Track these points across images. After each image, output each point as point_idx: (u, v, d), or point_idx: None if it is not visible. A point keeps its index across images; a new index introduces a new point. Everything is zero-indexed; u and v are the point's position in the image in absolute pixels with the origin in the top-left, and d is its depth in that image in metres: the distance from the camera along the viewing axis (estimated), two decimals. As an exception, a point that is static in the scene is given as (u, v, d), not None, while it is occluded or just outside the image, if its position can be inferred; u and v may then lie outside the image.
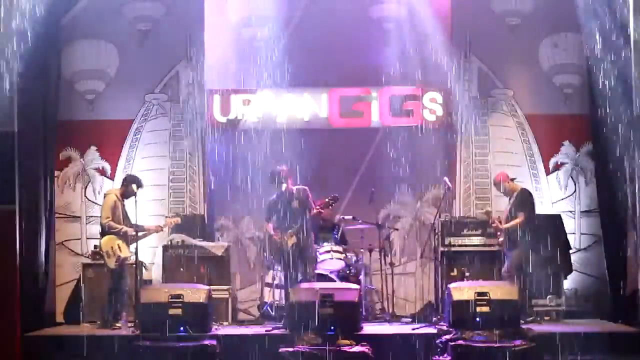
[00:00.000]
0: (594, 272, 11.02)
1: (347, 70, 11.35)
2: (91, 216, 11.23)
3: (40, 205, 10.28)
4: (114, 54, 11.38)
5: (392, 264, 10.77)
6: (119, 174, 11.25)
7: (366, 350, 8.68)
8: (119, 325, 9.69)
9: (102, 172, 11.36)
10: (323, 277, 10.13)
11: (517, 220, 9.84)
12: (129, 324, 9.62)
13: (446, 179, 10.59)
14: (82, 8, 11.18)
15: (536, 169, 11.36)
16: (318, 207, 9.86)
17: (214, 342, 8.86)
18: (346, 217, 10.88)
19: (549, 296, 10.36)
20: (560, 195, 11.32)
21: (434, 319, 9.85)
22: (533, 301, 10.18)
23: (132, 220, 9.81)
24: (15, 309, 9.36)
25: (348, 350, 8.67)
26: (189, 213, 11.23)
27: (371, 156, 11.47)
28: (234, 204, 11.44)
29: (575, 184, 11.31)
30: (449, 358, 8.71)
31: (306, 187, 9.97)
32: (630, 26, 9.67)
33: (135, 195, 9.72)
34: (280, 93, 11.45)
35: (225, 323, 10.13)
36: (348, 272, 10.46)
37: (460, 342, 8.75)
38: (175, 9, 11.39)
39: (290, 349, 8.67)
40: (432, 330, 9.31)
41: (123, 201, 9.89)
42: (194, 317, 9.09)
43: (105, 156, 11.38)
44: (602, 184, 10.72)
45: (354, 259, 10.65)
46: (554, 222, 10.69)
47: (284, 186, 9.79)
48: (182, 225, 10.66)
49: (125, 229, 9.74)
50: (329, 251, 10.45)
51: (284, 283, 10.09)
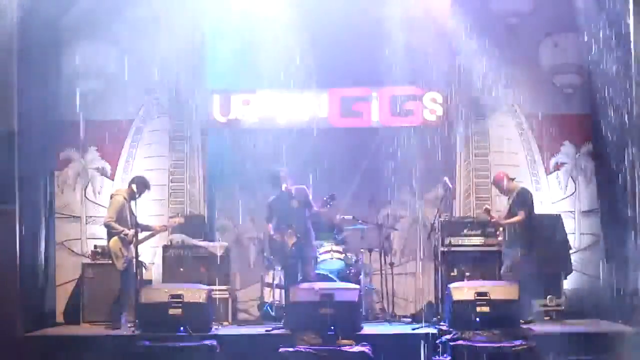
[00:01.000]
0: (594, 272, 11.01)
1: (347, 70, 11.35)
2: (91, 216, 11.24)
3: (40, 205, 10.29)
4: (114, 54, 11.38)
5: (392, 264, 10.78)
6: (119, 174, 11.26)
7: (366, 350, 8.68)
8: (119, 325, 9.69)
9: (102, 172, 11.36)
10: (323, 277, 10.13)
11: (517, 218, 9.84)
12: (129, 324, 9.62)
13: (446, 179, 10.59)
14: (82, 8, 11.16)
15: (536, 169, 11.36)
16: (316, 207, 9.87)
17: (214, 342, 8.85)
18: (346, 217, 10.89)
19: (549, 296, 10.37)
20: (560, 195, 11.32)
21: (434, 319, 9.85)
22: (533, 301, 10.18)
23: (139, 222, 9.81)
24: (15, 309, 9.37)
25: (348, 350, 8.66)
26: (189, 213, 11.23)
27: (371, 156, 11.46)
28: (234, 204, 11.45)
29: (575, 184, 11.30)
30: (449, 358, 8.71)
31: (305, 187, 9.98)
32: (630, 26, 9.67)
33: (139, 196, 9.75)
34: (280, 93, 11.46)
35: (225, 323, 10.14)
36: (348, 272, 10.47)
37: (460, 342, 8.75)
38: (176, 9, 11.38)
39: (290, 349, 8.67)
40: (432, 330, 9.31)
41: (130, 202, 9.89)
42: (194, 317, 9.09)
43: (105, 156, 11.38)
44: (602, 183, 10.73)
45: (354, 259, 10.66)
46: (554, 222, 10.69)
47: (283, 186, 9.79)
48: (182, 225, 10.67)
49: (126, 231, 9.73)
50: (329, 251, 10.46)
51: (284, 283, 10.10)
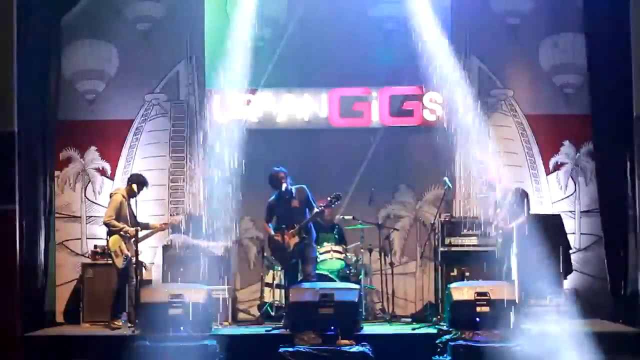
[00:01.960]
0: (594, 272, 11.02)
1: (347, 70, 11.35)
2: (91, 216, 11.24)
3: (40, 205, 10.28)
4: (114, 54, 11.38)
5: (392, 264, 10.78)
6: (119, 174, 11.26)
7: (366, 350, 8.68)
8: (119, 324, 9.70)
9: (102, 172, 11.36)
10: (323, 277, 10.13)
11: (520, 219, 9.82)
12: (129, 324, 9.62)
13: (446, 179, 10.59)
14: (82, 8, 11.18)
15: (536, 169, 11.36)
16: (321, 206, 9.86)
17: (214, 342, 8.85)
18: (346, 217, 10.89)
19: (549, 296, 10.36)
20: (560, 195, 11.32)
21: (434, 319, 9.85)
22: (533, 301, 10.19)
23: (139, 220, 9.82)
24: (15, 309, 9.37)
25: (348, 350, 8.67)
26: (189, 213, 11.23)
27: (371, 156, 11.46)
28: (234, 204, 11.44)
29: (575, 184, 11.30)
30: (449, 358, 8.71)
31: (305, 187, 9.97)
32: (630, 25, 9.68)
33: (138, 194, 9.76)
34: (280, 93, 11.46)
35: (225, 323, 10.13)
36: (348, 272, 10.47)
37: (460, 342, 8.75)
38: (175, 9, 11.40)
39: (290, 349, 8.67)
40: (432, 330, 9.31)
41: (129, 200, 9.89)
42: (194, 317, 9.08)
43: (105, 156, 11.38)
44: (602, 183, 10.73)
45: (354, 259, 10.66)
46: (554, 222, 10.68)
47: (283, 186, 9.78)
48: (182, 225, 10.67)
49: (127, 228, 9.74)
50: (329, 251, 10.45)
51: (284, 283, 10.10)
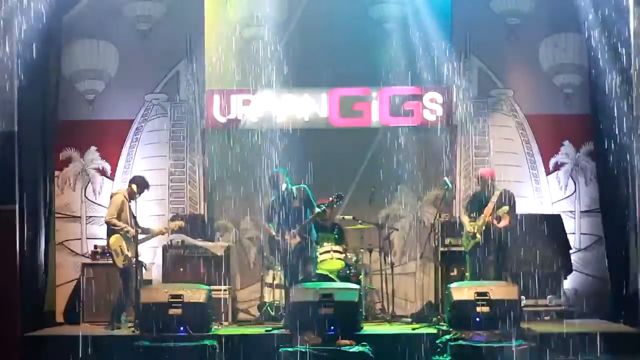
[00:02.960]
0: (594, 272, 11.03)
1: (347, 70, 11.35)
2: (91, 216, 11.24)
3: (40, 205, 10.28)
4: (114, 54, 11.38)
5: (392, 264, 10.77)
6: (119, 174, 11.26)
7: (366, 350, 8.68)
8: (119, 325, 9.69)
9: (102, 172, 11.36)
10: (323, 277, 10.13)
11: (507, 220, 9.80)
12: (129, 324, 9.62)
13: (446, 179, 10.59)
14: (82, 8, 11.19)
15: (536, 169, 11.36)
16: (322, 206, 9.85)
17: (214, 342, 8.86)
18: (346, 217, 10.89)
19: (549, 296, 10.37)
20: (560, 195, 11.32)
21: (434, 319, 9.84)
22: (533, 301, 10.20)
23: (139, 223, 9.81)
24: (15, 309, 9.36)
25: (348, 350, 8.66)
26: (189, 213, 11.24)
27: (371, 156, 11.46)
28: (234, 204, 11.44)
29: (575, 184, 11.30)
30: (449, 358, 8.71)
31: (305, 186, 9.97)
32: (631, 25, 9.68)
33: (138, 196, 9.75)
34: (280, 93, 11.45)
35: (225, 323, 10.13)
36: (348, 272, 10.47)
37: (460, 342, 8.75)
38: (175, 9, 11.40)
39: (290, 349, 8.68)
40: (432, 330, 9.31)
41: (129, 202, 9.89)
42: (194, 317, 9.09)
43: (105, 156, 11.38)
44: (603, 183, 10.73)
45: (354, 259, 10.66)
46: (554, 222, 10.69)
47: (284, 186, 9.78)
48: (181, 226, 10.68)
49: (128, 228, 9.74)
50: (329, 251, 10.44)
51: (284, 283, 10.10)
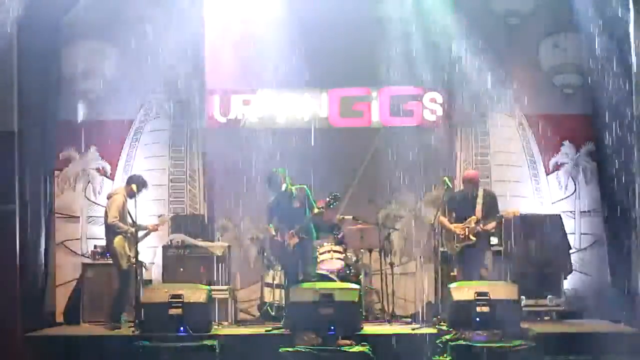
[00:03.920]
0: (594, 272, 11.03)
1: (347, 70, 11.35)
2: (91, 216, 11.24)
3: (40, 205, 10.28)
4: (114, 54, 11.38)
5: (392, 264, 10.77)
6: (119, 174, 11.26)
7: (366, 350, 8.68)
8: (118, 325, 9.70)
9: (102, 172, 11.36)
10: (323, 277, 10.12)
11: (494, 222, 9.81)
12: (129, 324, 9.63)
13: (446, 178, 10.57)
14: (82, 8, 11.17)
15: (536, 169, 11.36)
16: (320, 207, 9.85)
17: (214, 342, 8.86)
18: (346, 217, 10.88)
19: (549, 296, 10.37)
20: (560, 195, 11.32)
21: (434, 319, 9.84)
22: (533, 301, 10.20)
23: (134, 220, 9.82)
24: (15, 309, 9.37)
25: (348, 350, 8.66)
26: (189, 213, 11.24)
27: (371, 156, 11.46)
28: (234, 204, 11.45)
29: (575, 184, 11.31)
30: (449, 358, 8.71)
31: (305, 187, 9.97)
32: (631, 25, 9.68)
33: (137, 195, 9.75)
34: (280, 93, 11.46)
35: (225, 323, 10.13)
36: (348, 272, 10.46)
37: (460, 342, 8.75)
38: (176, 9, 11.39)
39: (290, 349, 8.68)
40: (432, 330, 9.31)
41: (127, 201, 9.89)
42: (194, 317, 9.09)
43: (105, 156, 11.38)
44: (603, 183, 10.73)
45: (354, 259, 10.65)
46: (554, 222, 10.69)
47: (284, 186, 9.78)
48: (182, 225, 10.67)
49: (131, 229, 9.74)
50: (329, 251, 10.43)
51: (284, 283, 10.10)
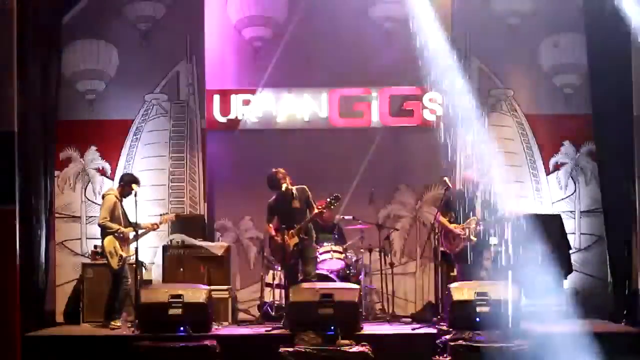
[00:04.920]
0: (594, 272, 11.04)
1: (347, 70, 11.36)
2: (91, 216, 11.23)
3: (40, 205, 10.27)
4: (114, 54, 11.39)
5: (392, 264, 10.77)
6: (119, 174, 11.23)
7: (366, 350, 8.68)
8: (119, 325, 9.70)
9: (102, 172, 11.37)
10: (323, 277, 10.12)
11: (493, 221, 9.80)
12: (129, 324, 9.62)
13: (446, 178, 10.57)
14: (82, 8, 11.19)
15: (536, 169, 11.37)
16: (320, 207, 9.84)
17: (214, 342, 8.85)
18: (346, 217, 10.89)
19: (549, 296, 10.36)
20: (560, 195, 11.32)
21: (434, 319, 9.84)
22: (533, 301, 10.20)
23: (130, 219, 9.82)
24: (15, 309, 9.35)
25: (348, 350, 8.66)
26: (189, 213, 11.24)
27: (371, 156, 11.46)
28: (234, 204, 11.45)
29: (575, 184, 11.31)
30: (449, 358, 8.71)
31: (305, 187, 9.96)
32: (631, 25, 9.68)
33: (136, 195, 9.73)
34: (280, 93, 11.46)
35: (225, 323, 10.13)
36: (348, 272, 10.46)
37: (460, 342, 8.75)
38: (175, 9, 11.41)
39: (290, 349, 8.67)
40: (432, 330, 9.31)
41: (122, 200, 9.90)
42: (194, 317, 9.09)
43: (105, 156, 11.39)
44: (604, 183, 10.73)
45: (354, 259, 10.65)
46: (554, 222, 10.69)
47: (284, 187, 9.77)
48: (182, 225, 10.67)
49: (122, 229, 9.74)
50: (329, 251, 10.43)
51: (284, 283, 10.10)
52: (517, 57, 11.40)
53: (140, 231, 9.89)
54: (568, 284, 10.70)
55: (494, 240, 10.24)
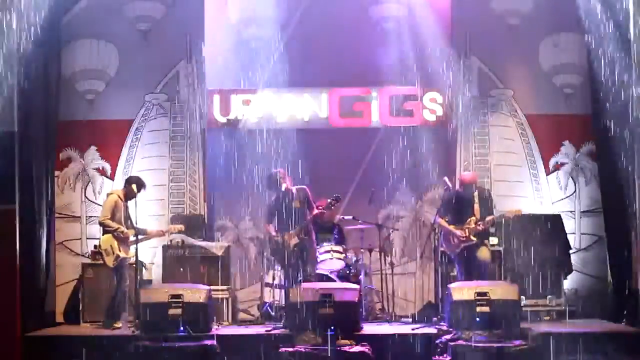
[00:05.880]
0: (594, 272, 11.03)
1: (347, 70, 11.36)
2: (91, 216, 11.23)
3: (40, 205, 10.27)
4: (114, 54, 11.38)
5: (392, 264, 10.78)
6: (119, 174, 11.25)
7: (366, 350, 8.68)
8: (119, 325, 9.70)
9: (102, 172, 11.36)
10: (323, 277, 10.13)
11: (492, 220, 9.81)
12: (129, 324, 9.62)
13: (446, 179, 10.58)
14: (82, 8, 11.18)
15: (536, 169, 11.36)
16: (320, 208, 9.84)
17: (214, 342, 8.85)
18: (346, 217, 10.89)
19: (548, 296, 10.37)
20: (560, 195, 11.32)
21: (434, 319, 9.84)
22: (533, 301, 10.20)
23: (134, 223, 9.81)
24: (15, 309, 9.36)
25: (348, 350, 8.66)
26: (189, 213, 11.24)
27: (371, 156, 11.47)
28: (234, 204, 11.45)
29: (575, 184, 11.31)
30: (449, 358, 8.71)
31: (305, 187, 9.97)
32: (631, 25, 9.67)
33: (136, 195, 9.74)
34: (280, 93, 11.46)
35: (225, 323, 10.13)
36: (348, 272, 10.46)
37: (460, 342, 8.75)
38: (175, 9, 11.40)
39: (290, 349, 8.68)
40: (432, 330, 9.31)
41: (126, 202, 9.88)
42: (194, 317, 9.08)
43: (105, 156, 11.38)
44: (604, 183, 10.72)
45: (354, 259, 10.66)
46: (554, 222, 10.69)
47: (284, 187, 9.77)
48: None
49: (122, 229, 9.74)
50: (329, 251, 10.44)
51: (284, 283, 10.10)
52: (517, 57, 11.39)
53: (141, 236, 9.87)
54: (568, 284, 10.70)
55: (494, 240, 10.27)
